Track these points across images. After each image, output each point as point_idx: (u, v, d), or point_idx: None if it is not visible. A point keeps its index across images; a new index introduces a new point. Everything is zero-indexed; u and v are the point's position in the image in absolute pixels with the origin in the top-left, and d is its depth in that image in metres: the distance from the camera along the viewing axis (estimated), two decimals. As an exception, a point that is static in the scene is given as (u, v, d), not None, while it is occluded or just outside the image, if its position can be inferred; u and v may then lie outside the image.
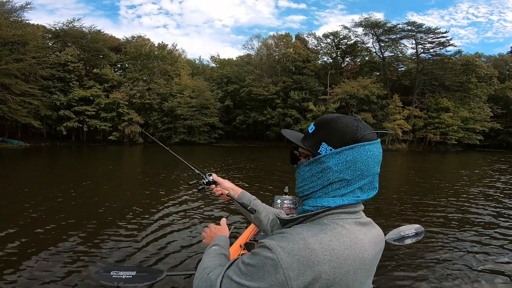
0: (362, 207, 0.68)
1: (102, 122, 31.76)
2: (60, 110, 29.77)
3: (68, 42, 33.02)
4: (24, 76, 25.61)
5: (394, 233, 2.52)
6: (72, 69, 30.73)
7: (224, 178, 1.18)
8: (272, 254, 0.55)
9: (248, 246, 2.45)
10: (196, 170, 1.26)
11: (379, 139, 0.66)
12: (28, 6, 28.43)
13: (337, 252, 0.58)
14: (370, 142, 0.63)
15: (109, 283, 1.99)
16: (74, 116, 30.28)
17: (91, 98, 31.22)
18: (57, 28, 33.56)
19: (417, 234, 2.57)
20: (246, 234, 2.77)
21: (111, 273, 2.04)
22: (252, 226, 2.95)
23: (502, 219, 5.12)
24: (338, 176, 0.62)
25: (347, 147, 0.62)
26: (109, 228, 4.37)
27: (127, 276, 2.01)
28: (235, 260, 0.67)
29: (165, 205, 5.86)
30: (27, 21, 28.93)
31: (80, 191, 7.15)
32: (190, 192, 7.10)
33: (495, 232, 4.38)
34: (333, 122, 0.66)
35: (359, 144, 0.62)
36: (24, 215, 4.94)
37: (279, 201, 3.03)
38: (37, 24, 31.23)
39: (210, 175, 1.16)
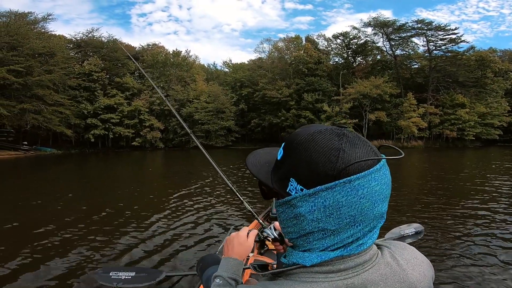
0: (363, 257, 0.45)
1: (125, 129, 33.20)
2: (87, 118, 31.35)
3: (88, 52, 34.72)
4: (56, 86, 27.17)
5: (394, 232, 2.46)
6: (96, 78, 32.32)
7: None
8: None
9: None
10: (258, 219, 1.05)
11: (382, 162, 0.44)
12: (50, 17, 30.10)
13: None
14: (362, 173, 0.41)
15: (108, 284, 1.99)
16: (100, 124, 31.83)
17: (115, 106, 32.73)
18: (78, 39, 35.20)
19: (417, 233, 2.52)
20: None
21: (110, 274, 2.03)
22: (252, 225, 2.94)
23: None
24: (316, 226, 0.43)
25: (323, 186, 0.41)
26: (109, 229, 4.44)
27: (126, 277, 2.00)
28: None
29: (167, 206, 5.91)
30: (51, 32, 30.58)
31: (96, 194, 7.45)
32: (194, 192, 7.14)
33: (504, 230, 4.18)
34: (302, 146, 0.44)
35: (341, 181, 0.41)
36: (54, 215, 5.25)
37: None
38: (59, 35, 32.88)
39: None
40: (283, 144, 0.49)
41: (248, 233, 0.88)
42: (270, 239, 0.87)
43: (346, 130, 0.45)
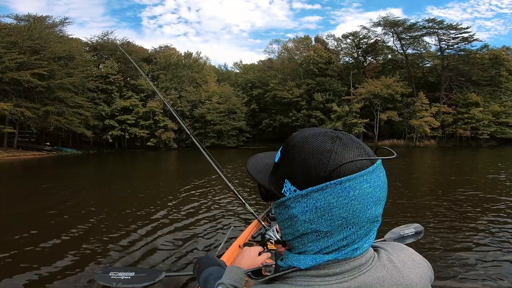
0: (360, 261, 0.44)
1: (141, 130, 34.12)
2: (105, 119, 32.35)
3: (104, 55, 35.67)
4: (76, 88, 28.14)
5: (394, 232, 2.47)
6: (112, 80, 33.28)
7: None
8: None
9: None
10: (260, 221, 1.07)
11: (376, 164, 0.43)
12: (67, 21, 30.85)
13: None
14: (354, 175, 0.41)
15: (107, 284, 1.99)
16: (117, 125, 32.82)
17: (130, 107, 33.67)
18: (94, 42, 36.13)
19: (417, 233, 2.51)
20: (245, 235, 2.75)
21: (110, 274, 2.03)
22: (251, 226, 2.93)
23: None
24: (309, 227, 0.43)
25: (314, 187, 0.41)
26: (109, 229, 4.45)
27: (125, 277, 2.00)
28: None
29: (166, 206, 5.96)
30: (69, 36, 31.41)
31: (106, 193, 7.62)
32: (195, 192, 7.21)
33: (506, 230, 4.12)
34: (296, 148, 0.45)
35: (331, 182, 0.40)
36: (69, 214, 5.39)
37: None
38: (76, 38, 33.70)
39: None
40: (281, 147, 0.49)
41: (261, 253, 0.94)
42: (272, 241, 0.85)
43: (341, 133, 0.45)
